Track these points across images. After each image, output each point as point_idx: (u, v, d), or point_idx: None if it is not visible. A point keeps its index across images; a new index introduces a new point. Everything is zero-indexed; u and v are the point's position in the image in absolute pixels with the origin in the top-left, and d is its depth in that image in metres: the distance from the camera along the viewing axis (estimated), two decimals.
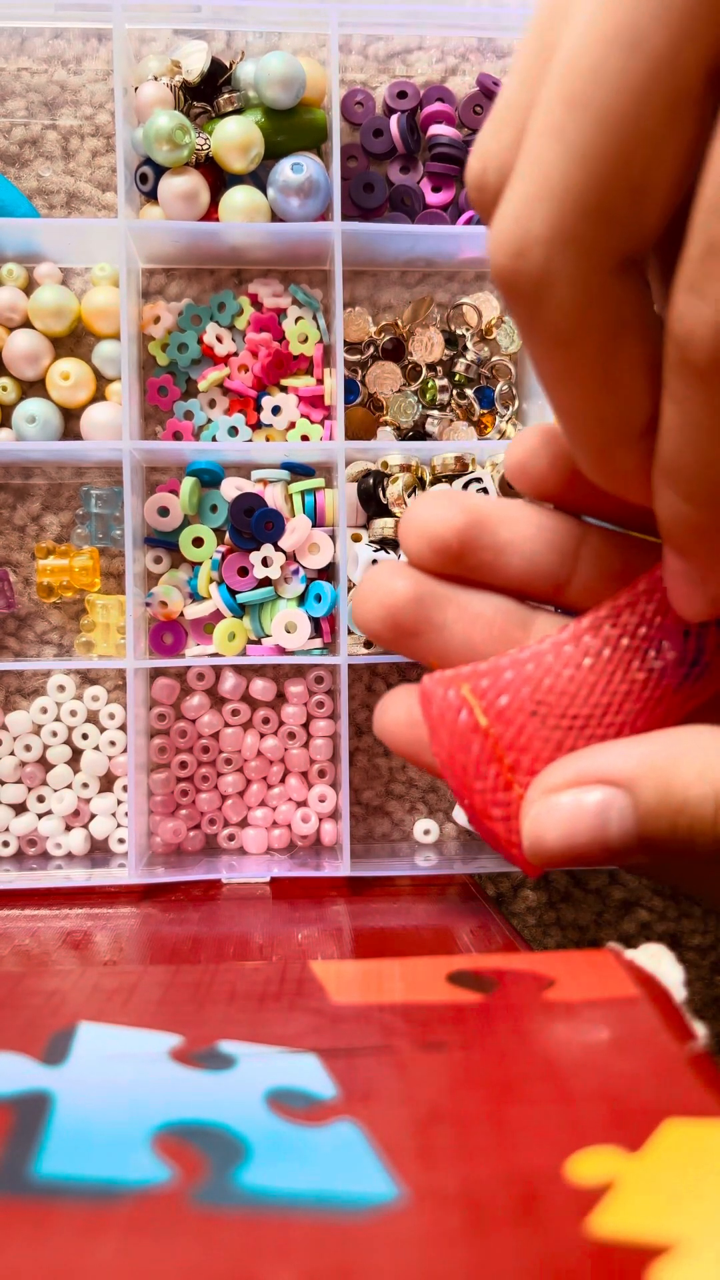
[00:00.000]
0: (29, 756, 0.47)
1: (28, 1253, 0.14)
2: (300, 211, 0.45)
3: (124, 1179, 0.16)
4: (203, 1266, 0.14)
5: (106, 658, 0.47)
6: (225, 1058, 0.20)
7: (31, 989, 0.23)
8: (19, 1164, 0.16)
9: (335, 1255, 0.14)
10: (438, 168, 0.48)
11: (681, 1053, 0.19)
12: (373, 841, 0.50)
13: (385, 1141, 0.17)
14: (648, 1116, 0.17)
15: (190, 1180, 0.16)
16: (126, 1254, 0.14)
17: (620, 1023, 0.21)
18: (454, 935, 0.38)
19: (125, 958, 0.36)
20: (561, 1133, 0.17)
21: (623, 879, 0.50)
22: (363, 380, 0.48)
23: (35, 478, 0.48)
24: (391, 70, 0.49)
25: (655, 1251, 0.14)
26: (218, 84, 0.46)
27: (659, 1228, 0.15)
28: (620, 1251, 0.14)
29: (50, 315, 0.46)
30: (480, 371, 0.49)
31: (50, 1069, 0.19)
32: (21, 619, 0.48)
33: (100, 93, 0.48)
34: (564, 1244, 0.14)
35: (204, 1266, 0.14)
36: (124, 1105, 0.18)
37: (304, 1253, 0.14)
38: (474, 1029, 0.21)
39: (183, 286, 0.49)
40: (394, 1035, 0.20)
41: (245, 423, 0.48)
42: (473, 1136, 0.17)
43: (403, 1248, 0.14)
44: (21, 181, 0.48)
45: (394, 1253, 0.14)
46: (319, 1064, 0.19)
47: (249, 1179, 0.16)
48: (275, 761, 0.48)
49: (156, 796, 0.48)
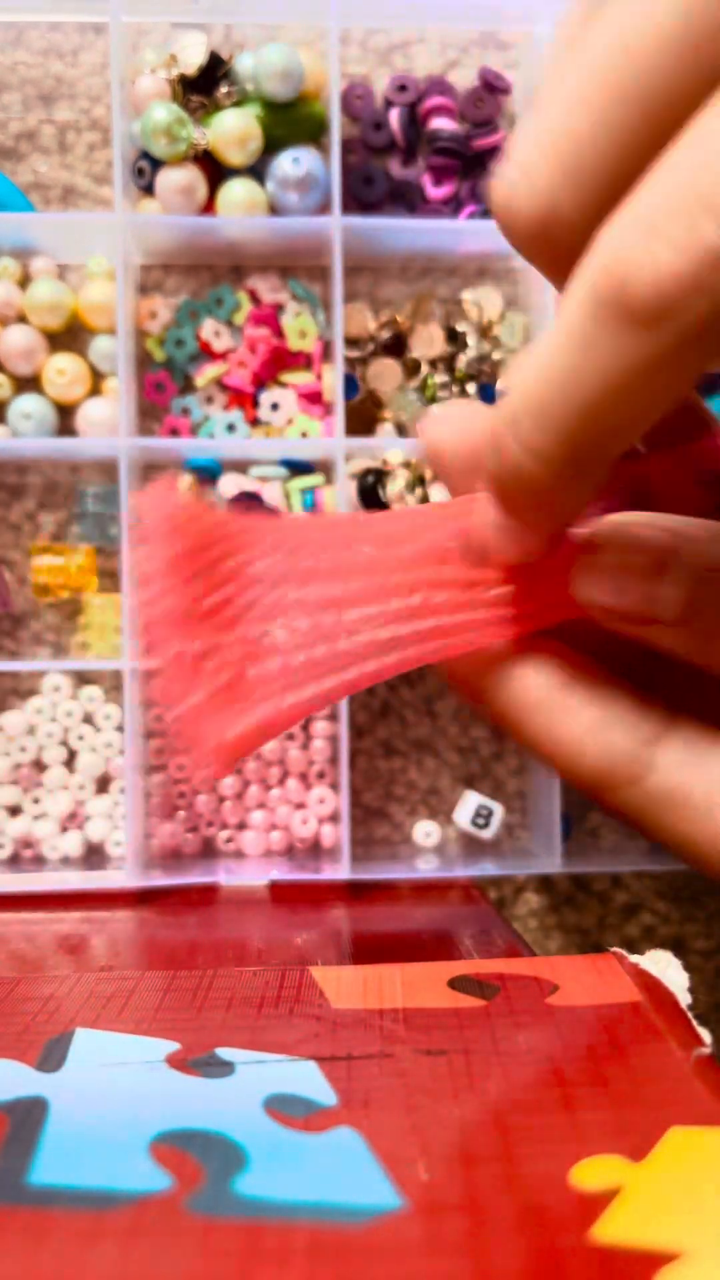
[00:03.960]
0: (24, 758, 0.47)
1: (22, 1262, 0.14)
2: (299, 205, 0.44)
3: (120, 1187, 0.16)
4: (201, 1276, 0.14)
5: (103, 658, 0.46)
6: (223, 1064, 0.20)
7: (27, 994, 0.22)
8: (13, 1172, 0.16)
9: (335, 1265, 0.14)
10: (438, 161, 0.47)
11: (687, 1059, 0.19)
12: (372, 845, 0.49)
13: (386, 1149, 0.17)
14: (652, 1124, 0.17)
15: (188, 1188, 0.16)
16: (123, 1264, 0.14)
17: (624, 1028, 0.21)
18: (455, 940, 0.38)
19: (122, 962, 0.35)
20: (565, 1140, 0.17)
21: (626, 883, 0.50)
22: (362, 376, 0.48)
23: (30, 475, 0.48)
24: (391, 63, 0.49)
25: (661, 1260, 0.14)
26: (216, 77, 0.46)
27: (664, 1236, 0.14)
28: (625, 1260, 0.14)
29: (46, 310, 0.46)
30: (481, 367, 0.49)
31: (46, 1075, 0.19)
32: (16, 618, 0.48)
33: (97, 86, 0.48)
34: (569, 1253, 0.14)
35: (202, 1276, 0.14)
36: (120, 1112, 0.18)
37: (303, 1262, 0.14)
38: (476, 1035, 0.20)
39: (180, 281, 0.49)
40: (395, 1041, 0.20)
41: (243, 419, 0.48)
42: (475, 1144, 0.17)
43: (404, 1258, 0.14)
44: (17, 175, 0.48)
45: (395, 1263, 0.14)
46: (318, 1071, 0.19)
47: (247, 1187, 0.16)
48: (274, 763, 0.48)
49: (154, 799, 0.47)
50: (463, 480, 0.22)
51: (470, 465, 0.22)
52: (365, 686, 0.20)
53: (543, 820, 0.46)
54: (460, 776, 0.50)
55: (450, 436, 0.22)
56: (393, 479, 0.45)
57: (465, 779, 0.50)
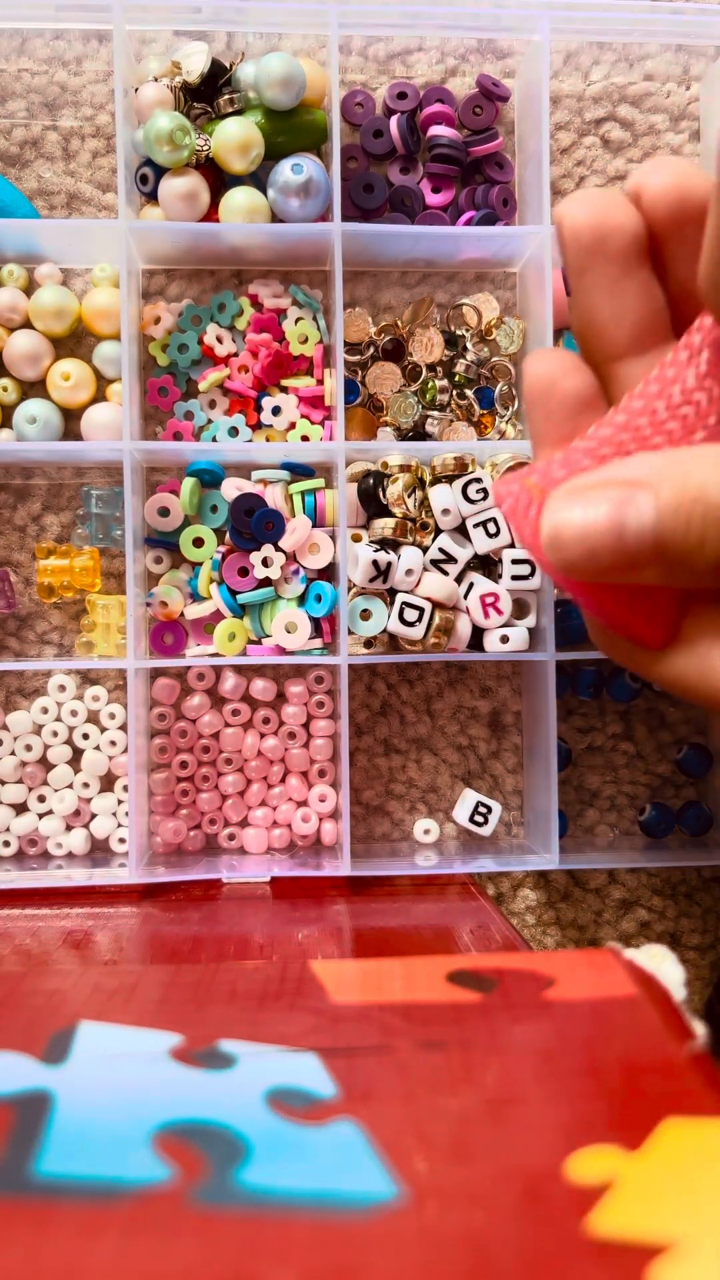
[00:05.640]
0: (30, 756, 0.47)
1: (28, 1252, 0.14)
2: (300, 212, 0.45)
3: (124, 1178, 0.16)
4: (203, 1265, 0.14)
5: (107, 658, 0.47)
6: (225, 1057, 0.20)
7: (32, 988, 0.23)
8: (19, 1163, 0.16)
9: (335, 1254, 0.14)
10: (437, 168, 0.48)
11: (681, 1052, 0.19)
12: (373, 841, 0.50)
13: (385, 1140, 0.17)
14: (647, 1115, 0.17)
15: (190, 1179, 0.16)
16: (127, 1253, 0.14)
17: (620, 1022, 0.21)
18: (454, 934, 0.38)
19: (126, 957, 0.36)
20: (561, 1132, 0.17)
21: (622, 879, 0.50)
22: (363, 381, 0.48)
23: (36, 478, 0.48)
24: (391, 71, 0.49)
25: (655, 1250, 0.14)
26: (218, 85, 0.46)
27: (659, 1226, 0.15)
28: (620, 1250, 0.14)
29: (51, 316, 0.46)
30: (480, 372, 0.49)
31: (51, 1068, 0.19)
32: (22, 619, 0.49)
33: (101, 94, 0.48)
34: (564, 1243, 0.14)
35: (204, 1265, 0.14)
36: (124, 1104, 0.18)
37: (304, 1252, 0.14)
38: (474, 1028, 0.21)
39: (183, 287, 0.49)
40: (394, 1035, 0.20)
41: (245, 423, 0.48)
42: (472, 1135, 0.17)
43: (403, 1246, 0.14)
44: (22, 182, 0.48)
45: (394, 1252, 0.14)
46: (319, 1063, 0.19)
47: (249, 1178, 0.16)
48: (275, 761, 0.48)
49: (157, 796, 0.48)
50: (581, 260, 0.25)
51: (596, 241, 0.25)
52: None
53: (540, 817, 0.47)
54: (459, 774, 0.50)
55: (584, 215, 0.24)
56: (392, 482, 0.45)
57: (463, 777, 0.50)
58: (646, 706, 0.50)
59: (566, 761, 0.50)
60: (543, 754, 0.46)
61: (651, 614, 0.25)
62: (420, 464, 0.46)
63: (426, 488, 0.46)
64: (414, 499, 0.45)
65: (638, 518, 0.22)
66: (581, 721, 0.50)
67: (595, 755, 0.50)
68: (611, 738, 0.50)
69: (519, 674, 0.50)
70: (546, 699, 0.45)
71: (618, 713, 0.50)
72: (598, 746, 0.50)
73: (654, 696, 0.50)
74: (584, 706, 0.50)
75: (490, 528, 0.45)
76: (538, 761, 0.47)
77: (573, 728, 0.50)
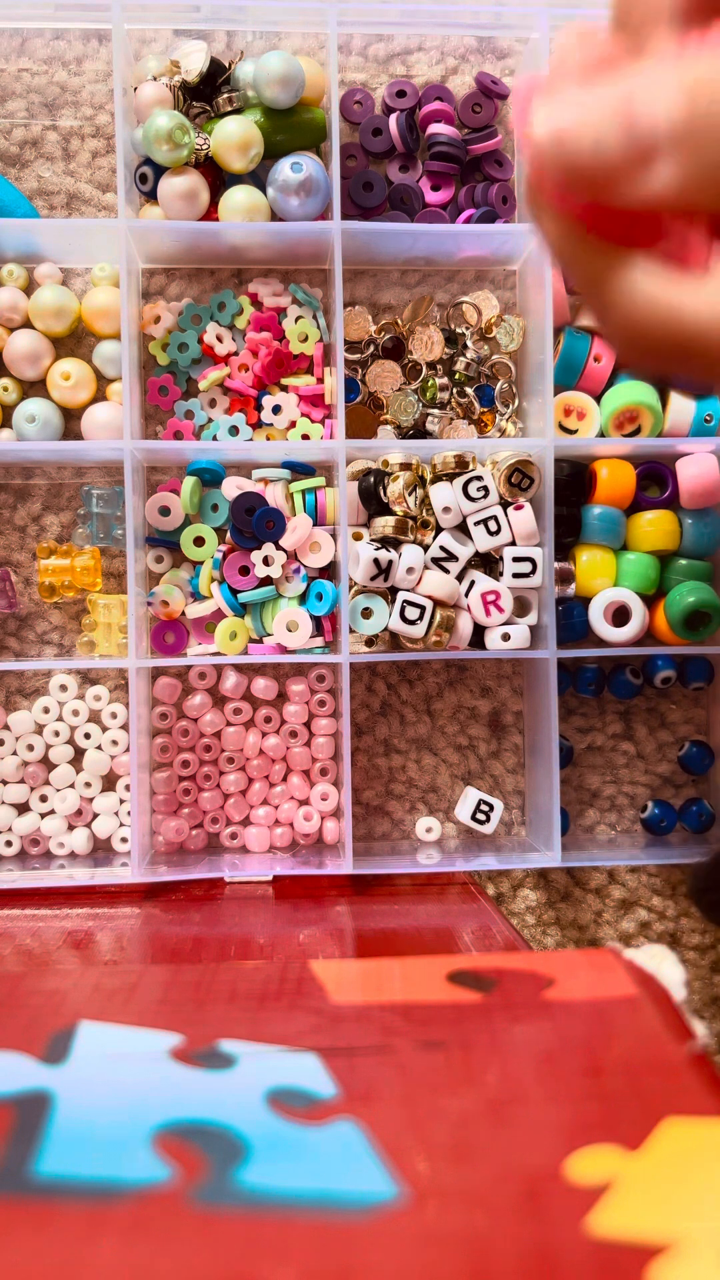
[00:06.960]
0: (31, 756, 0.47)
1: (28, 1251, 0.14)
2: (300, 211, 0.45)
3: (124, 1178, 0.16)
4: (203, 1265, 0.14)
5: (108, 657, 0.47)
6: (226, 1057, 0.20)
7: (33, 988, 0.23)
8: (19, 1163, 0.16)
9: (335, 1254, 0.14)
10: (437, 166, 0.48)
11: (681, 1052, 0.19)
12: (374, 840, 0.50)
13: (385, 1140, 0.17)
14: (647, 1115, 0.17)
15: (191, 1179, 0.16)
16: (127, 1253, 0.14)
17: (620, 1022, 0.21)
18: (454, 934, 0.38)
19: (127, 957, 0.36)
20: (561, 1131, 0.17)
21: (623, 879, 0.50)
22: (363, 379, 0.48)
23: (36, 478, 0.48)
24: (391, 70, 0.49)
25: (655, 1250, 0.14)
26: (217, 84, 0.46)
27: (659, 1226, 0.15)
28: (620, 1250, 0.14)
29: (51, 315, 0.46)
30: (480, 370, 0.49)
31: (51, 1068, 0.19)
32: (23, 619, 0.49)
33: (100, 93, 0.48)
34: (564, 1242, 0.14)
35: (204, 1265, 0.14)
36: (125, 1104, 0.18)
37: (304, 1251, 0.14)
38: (474, 1028, 0.21)
39: (183, 286, 0.49)
40: (394, 1034, 0.20)
41: (246, 422, 0.48)
42: (472, 1135, 0.17)
43: (402, 1247, 0.14)
44: (22, 182, 0.48)
45: (394, 1252, 0.14)
46: (319, 1063, 0.19)
47: (249, 1178, 0.16)
48: (277, 760, 0.48)
49: (159, 795, 0.48)
50: None
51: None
52: None
53: (541, 813, 0.47)
54: (459, 774, 0.50)
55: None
56: (393, 480, 0.45)
57: (464, 776, 0.50)
58: (647, 706, 0.50)
59: (568, 760, 0.50)
60: (545, 750, 0.46)
61: (684, 236, 0.20)
62: (421, 462, 0.46)
63: (427, 486, 0.46)
64: (415, 497, 0.45)
65: (648, 104, 0.18)
66: (582, 721, 0.50)
67: (595, 755, 0.50)
68: (612, 738, 0.50)
69: (519, 674, 0.50)
70: (548, 695, 0.45)
71: (618, 713, 0.50)
72: (598, 746, 0.50)
73: (655, 696, 0.50)
74: (584, 706, 0.50)
75: (491, 525, 0.45)
76: (539, 757, 0.47)
77: (573, 728, 0.50)
